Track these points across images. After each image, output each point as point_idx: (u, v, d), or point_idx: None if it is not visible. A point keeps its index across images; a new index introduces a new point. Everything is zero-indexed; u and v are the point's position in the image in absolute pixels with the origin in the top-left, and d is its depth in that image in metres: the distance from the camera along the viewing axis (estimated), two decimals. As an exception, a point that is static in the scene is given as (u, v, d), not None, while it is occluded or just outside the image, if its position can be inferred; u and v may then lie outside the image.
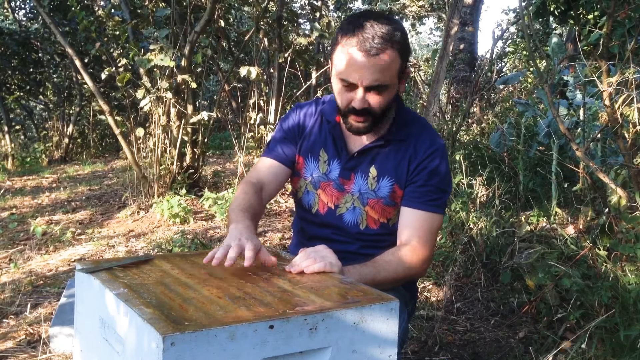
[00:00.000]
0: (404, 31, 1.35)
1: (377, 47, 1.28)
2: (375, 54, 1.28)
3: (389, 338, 1.05)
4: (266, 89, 5.00)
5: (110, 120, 4.59)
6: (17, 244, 3.75)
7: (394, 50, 1.31)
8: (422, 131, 1.45)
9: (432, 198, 1.41)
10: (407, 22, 12.41)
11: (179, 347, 0.84)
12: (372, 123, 1.38)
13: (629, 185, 2.73)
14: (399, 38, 1.31)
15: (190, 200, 4.47)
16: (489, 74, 7.91)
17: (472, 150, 4.67)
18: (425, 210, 1.41)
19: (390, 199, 1.44)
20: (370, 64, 1.29)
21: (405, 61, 1.36)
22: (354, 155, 1.46)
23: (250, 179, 1.51)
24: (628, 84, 2.57)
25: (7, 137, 8.42)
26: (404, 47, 1.33)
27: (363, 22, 1.31)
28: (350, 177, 1.46)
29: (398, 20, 1.40)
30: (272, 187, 1.52)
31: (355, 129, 1.40)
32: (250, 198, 1.42)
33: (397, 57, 1.32)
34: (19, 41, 8.48)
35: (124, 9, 4.96)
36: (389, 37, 1.29)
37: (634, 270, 2.30)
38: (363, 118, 1.36)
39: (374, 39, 1.28)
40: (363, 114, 1.35)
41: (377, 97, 1.34)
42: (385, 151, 1.45)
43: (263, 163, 1.54)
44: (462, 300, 2.69)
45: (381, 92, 1.34)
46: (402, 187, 1.44)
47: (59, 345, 2.19)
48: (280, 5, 4.91)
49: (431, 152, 1.42)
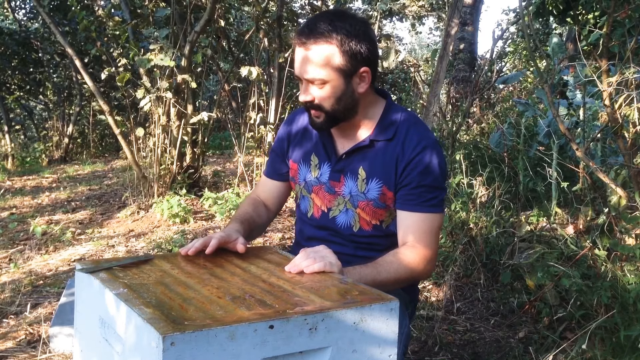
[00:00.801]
0: (357, 30, 1.33)
1: (311, 40, 1.32)
2: (307, 46, 1.33)
3: (389, 338, 1.05)
4: (266, 89, 5.00)
5: (110, 120, 4.59)
6: (17, 244, 3.75)
7: (330, 44, 1.31)
8: (410, 128, 1.42)
9: (428, 198, 1.38)
10: (407, 22, 12.42)
11: (179, 347, 0.84)
12: (327, 119, 1.40)
13: (629, 185, 2.73)
14: (343, 34, 1.31)
15: (190, 200, 4.47)
16: (489, 74, 7.91)
17: (472, 150, 4.67)
18: (422, 212, 1.38)
19: (380, 201, 1.42)
20: (303, 56, 1.34)
21: (356, 60, 1.34)
22: (342, 157, 1.46)
23: (252, 195, 1.65)
24: (628, 84, 2.57)
25: (7, 137, 8.41)
26: (349, 44, 1.32)
27: (312, 19, 1.36)
28: (340, 179, 1.46)
29: (360, 20, 1.36)
30: (273, 202, 1.64)
31: (313, 123, 1.43)
32: (247, 209, 1.56)
33: (336, 52, 1.32)
34: (19, 41, 8.48)
35: (124, 9, 4.96)
36: (327, 31, 1.31)
37: (634, 270, 2.30)
38: (316, 112, 1.40)
39: (310, 33, 1.32)
40: (313, 107, 1.39)
41: (319, 91, 1.36)
42: (373, 152, 1.43)
43: (262, 181, 1.67)
44: (462, 300, 2.69)
45: (321, 86, 1.35)
46: (392, 189, 1.41)
47: (59, 345, 2.19)
48: (280, 5, 4.91)
49: (420, 149, 1.38)
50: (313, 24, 1.33)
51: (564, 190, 3.17)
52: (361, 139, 1.45)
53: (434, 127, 5.24)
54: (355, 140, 1.46)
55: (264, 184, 1.64)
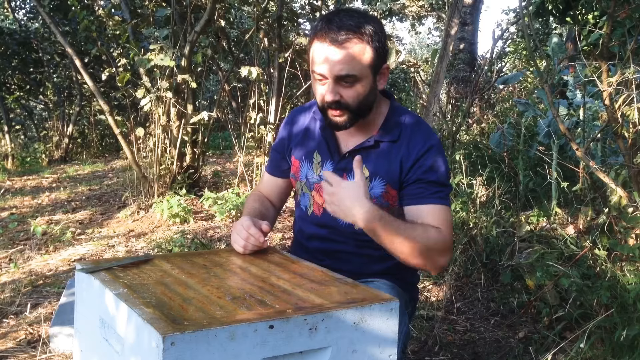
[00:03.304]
0: (379, 27, 1.35)
1: (343, 37, 1.31)
2: (341, 42, 1.31)
3: (389, 338, 1.05)
4: (266, 89, 5.00)
5: (110, 120, 4.59)
6: (17, 244, 3.75)
7: (362, 40, 1.32)
8: (414, 130, 1.43)
9: (436, 190, 1.39)
10: (406, 22, 12.42)
11: (179, 346, 0.84)
12: (350, 117, 1.39)
13: (629, 185, 2.73)
14: (370, 31, 1.33)
15: (190, 200, 4.47)
16: (489, 74, 7.91)
17: (472, 150, 4.67)
18: (435, 204, 1.38)
19: (383, 199, 1.42)
20: (336, 53, 1.31)
21: (380, 57, 1.36)
22: (346, 155, 1.46)
23: (256, 192, 1.68)
24: (628, 84, 2.57)
25: (7, 137, 8.41)
26: (376, 40, 1.34)
27: (332, 16, 1.35)
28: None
29: (375, 18, 1.39)
30: (276, 198, 1.66)
31: (334, 123, 1.40)
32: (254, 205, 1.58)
33: (367, 48, 1.33)
34: (19, 41, 8.47)
35: (124, 9, 4.96)
36: (356, 27, 1.32)
37: (634, 270, 2.30)
38: (339, 112, 1.37)
39: (340, 29, 1.31)
40: (337, 107, 1.36)
41: (348, 90, 1.35)
42: (377, 152, 1.44)
43: (264, 178, 1.68)
44: (462, 300, 2.69)
45: (352, 83, 1.34)
46: (396, 188, 1.42)
47: (59, 345, 2.19)
48: (280, 5, 4.91)
49: (425, 151, 1.40)
50: (340, 22, 1.32)
51: (564, 190, 3.17)
52: (365, 138, 1.45)
53: (434, 127, 5.24)
54: (359, 139, 1.46)
55: (267, 181, 1.66)
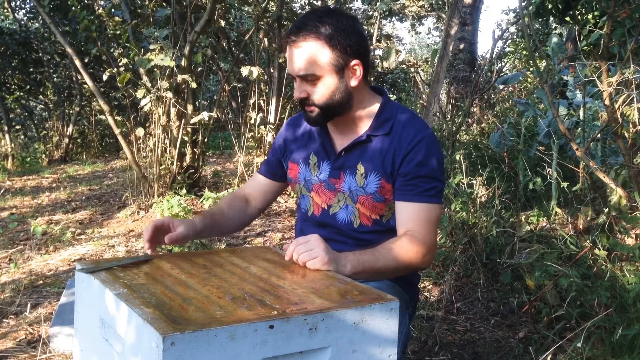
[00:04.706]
0: (343, 25, 1.37)
1: (300, 37, 1.35)
2: (297, 43, 1.36)
3: (389, 338, 1.05)
4: (266, 88, 5.00)
5: (110, 120, 4.59)
6: (17, 244, 3.75)
7: (318, 40, 1.35)
8: (407, 123, 1.44)
9: (425, 188, 1.39)
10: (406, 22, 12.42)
11: (179, 347, 0.84)
12: (320, 114, 1.42)
13: (629, 185, 2.73)
14: (328, 30, 1.35)
15: (190, 200, 4.47)
16: (489, 74, 7.91)
17: (472, 150, 4.67)
18: (420, 202, 1.39)
19: (379, 195, 1.43)
20: (294, 54, 1.37)
21: (347, 54, 1.38)
22: (341, 153, 1.48)
23: (238, 190, 1.67)
24: (628, 84, 2.57)
25: (7, 137, 8.41)
26: (336, 39, 1.36)
27: (300, 18, 1.40)
28: (339, 176, 1.48)
29: (343, 16, 1.40)
30: (257, 198, 1.65)
31: (307, 119, 1.46)
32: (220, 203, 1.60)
33: (324, 47, 1.35)
34: (19, 41, 8.47)
35: (124, 9, 4.96)
36: (313, 27, 1.35)
37: (633, 270, 2.30)
38: (310, 108, 1.42)
39: (298, 30, 1.36)
40: (307, 104, 1.42)
41: (312, 88, 1.40)
42: (371, 146, 1.45)
43: (253, 178, 1.69)
44: (462, 300, 2.69)
45: (313, 82, 1.39)
46: (390, 181, 1.43)
47: (59, 345, 2.20)
48: (280, 5, 4.91)
49: (417, 143, 1.40)
50: (301, 22, 1.37)
51: (564, 190, 3.17)
52: (358, 134, 1.47)
53: (434, 127, 5.24)
54: (353, 137, 1.48)
55: (254, 179, 1.68)
